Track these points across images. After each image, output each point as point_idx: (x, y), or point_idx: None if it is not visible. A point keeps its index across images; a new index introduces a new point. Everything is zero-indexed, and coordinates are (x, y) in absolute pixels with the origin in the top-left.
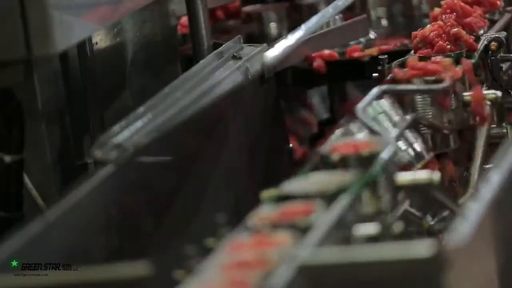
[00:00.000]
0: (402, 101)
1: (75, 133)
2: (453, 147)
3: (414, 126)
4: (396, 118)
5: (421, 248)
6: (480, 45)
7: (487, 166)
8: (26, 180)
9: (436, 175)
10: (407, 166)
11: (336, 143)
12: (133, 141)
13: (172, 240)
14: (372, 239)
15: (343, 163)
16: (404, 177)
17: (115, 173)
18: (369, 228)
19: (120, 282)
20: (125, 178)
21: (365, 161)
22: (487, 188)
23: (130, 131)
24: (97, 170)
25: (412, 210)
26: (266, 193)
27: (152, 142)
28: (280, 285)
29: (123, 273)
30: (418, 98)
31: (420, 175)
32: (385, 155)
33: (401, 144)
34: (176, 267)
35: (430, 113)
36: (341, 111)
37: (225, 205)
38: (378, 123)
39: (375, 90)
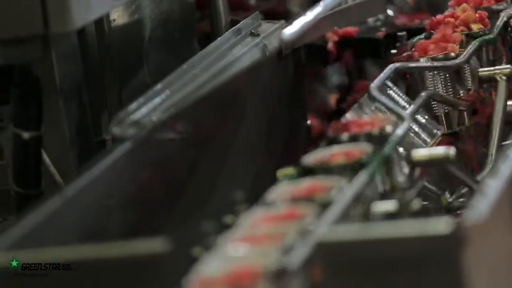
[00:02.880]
0: (417, 78)
1: (93, 109)
2: (468, 124)
3: (429, 103)
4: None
5: (440, 225)
6: (499, 22)
7: (504, 143)
8: (44, 156)
9: (452, 151)
10: (422, 143)
11: (348, 121)
12: (151, 118)
13: (190, 217)
14: (390, 216)
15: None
16: (420, 153)
17: (132, 150)
18: (387, 205)
19: (138, 258)
20: (142, 155)
21: (375, 139)
22: (506, 164)
23: (148, 108)
24: (114, 147)
25: (430, 187)
26: (283, 171)
27: (170, 119)
28: (298, 262)
29: (141, 250)
30: (430, 75)
31: (436, 151)
32: (400, 131)
33: (417, 121)
34: (193, 244)
35: (445, 90)
36: (357, 89)
37: (243, 182)
38: (393, 100)
39: (389, 68)
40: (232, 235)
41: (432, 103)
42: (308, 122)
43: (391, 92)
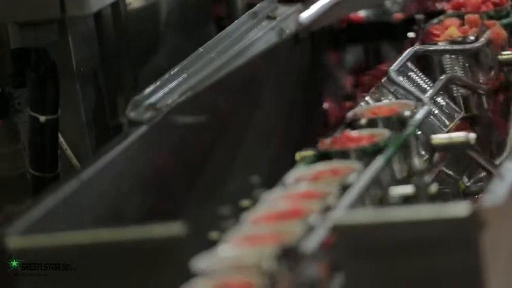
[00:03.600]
0: (434, 62)
1: (109, 93)
2: (487, 107)
3: (448, 87)
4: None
5: (457, 208)
6: None
7: None
8: (61, 140)
9: (472, 136)
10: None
11: (366, 107)
12: (167, 101)
13: (206, 201)
14: (408, 200)
15: (371, 126)
16: (440, 137)
17: (149, 133)
18: (405, 189)
19: (155, 242)
20: (159, 139)
21: (394, 123)
22: None
23: (164, 92)
24: (131, 130)
25: (448, 172)
26: (302, 154)
27: (186, 103)
28: (314, 245)
29: (158, 234)
30: (449, 58)
31: (456, 136)
32: (419, 115)
33: (436, 104)
34: (210, 228)
35: (465, 73)
36: (375, 72)
37: (259, 166)
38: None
39: (408, 51)
40: (252, 213)
41: (451, 86)
42: (325, 105)
43: (410, 74)
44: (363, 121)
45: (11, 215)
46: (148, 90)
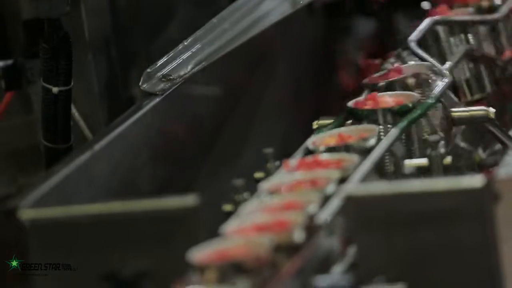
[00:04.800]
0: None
1: (122, 64)
2: (506, 80)
3: (467, 58)
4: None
5: (472, 180)
6: None
7: None
8: (74, 111)
9: (491, 110)
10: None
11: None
12: (180, 72)
13: (220, 173)
14: (423, 171)
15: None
16: (459, 111)
17: (162, 104)
18: (420, 161)
19: (168, 214)
20: (172, 110)
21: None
22: None
23: (177, 63)
24: (144, 101)
25: (463, 144)
26: (319, 122)
27: (199, 74)
28: (328, 217)
29: (171, 205)
30: (469, 29)
31: (476, 109)
32: (439, 87)
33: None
34: (224, 199)
35: (484, 45)
36: (391, 42)
37: (273, 137)
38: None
39: (427, 20)
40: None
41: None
42: (338, 76)
43: (430, 45)
44: (381, 83)
45: (24, 186)
46: (161, 61)
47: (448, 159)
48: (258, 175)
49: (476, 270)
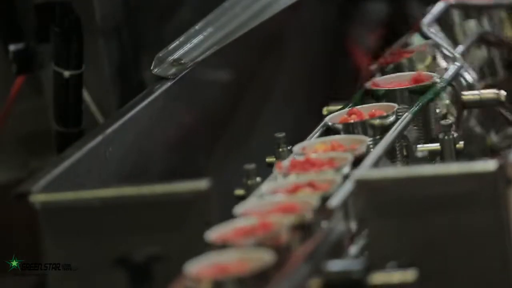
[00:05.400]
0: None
1: (134, 48)
2: None
3: (480, 42)
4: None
5: (485, 163)
6: None
7: None
8: (85, 95)
9: (502, 93)
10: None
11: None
12: (191, 57)
13: (231, 157)
14: (435, 156)
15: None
16: (470, 94)
17: (173, 89)
18: (432, 145)
19: (180, 198)
20: (183, 94)
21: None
22: None
23: (189, 47)
24: (155, 86)
25: (476, 128)
26: (329, 108)
27: (211, 58)
28: (339, 200)
29: (182, 190)
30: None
31: (487, 93)
32: (451, 71)
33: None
34: (235, 184)
35: (499, 29)
36: (403, 26)
37: (284, 121)
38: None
39: (442, 4)
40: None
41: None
42: (351, 60)
43: (443, 29)
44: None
45: (36, 171)
46: (172, 46)
47: (460, 144)
48: (269, 159)
49: (488, 255)
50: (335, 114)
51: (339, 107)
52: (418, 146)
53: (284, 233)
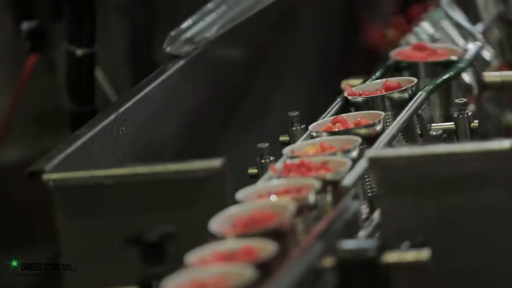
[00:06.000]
0: None
1: (147, 26)
2: None
3: (500, 20)
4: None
5: (500, 142)
6: None
7: None
8: (98, 73)
9: None
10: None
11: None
12: (205, 35)
13: (245, 136)
14: (449, 134)
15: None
16: (492, 75)
17: (186, 67)
18: (447, 124)
19: (193, 177)
20: (196, 72)
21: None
22: None
23: (202, 25)
24: (168, 64)
25: (491, 107)
26: (348, 82)
27: (224, 36)
28: (353, 179)
29: (198, 167)
30: None
31: (508, 74)
32: (472, 50)
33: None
34: (248, 162)
35: None
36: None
37: (298, 100)
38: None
39: None
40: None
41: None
42: (365, 36)
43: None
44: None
45: (49, 149)
46: (185, 24)
47: (475, 122)
48: (283, 138)
49: (503, 232)
50: (318, 123)
51: (358, 81)
52: (433, 124)
53: (290, 218)
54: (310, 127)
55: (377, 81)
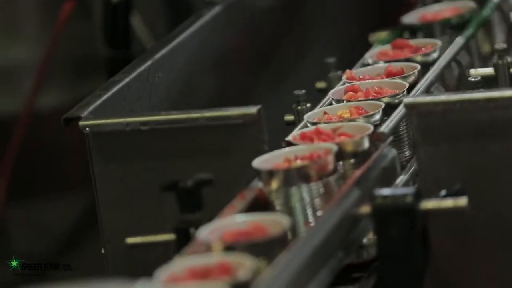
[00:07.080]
0: None
1: None
2: None
3: None
4: None
5: None
6: None
7: None
8: (134, 20)
9: None
10: None
11: None
12: None
13: (281, 82)
14: (488, 80)
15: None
16: None
17: (223, 13)
18: (485, 69)
19: (231, 122)
20: (232, 18)
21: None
22: None
23: None
24: (204, 10)
25: None
26: (376, 35)
27: None
28: (390, 126)
29: (234, 114)
30: None
31: None
32: None
33: None
34: (285, 109)
35: None
36: None
37: (335, 46)
38: None
39: None
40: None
41: None
42: None
43: None
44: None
45: (86, 95)
46: None
47: None
48: (319, 85)
49: None
50: (313, 112)
51: (385, 34)
52: (472, 70)
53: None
54: (305, 116)
55: (379, 65)
